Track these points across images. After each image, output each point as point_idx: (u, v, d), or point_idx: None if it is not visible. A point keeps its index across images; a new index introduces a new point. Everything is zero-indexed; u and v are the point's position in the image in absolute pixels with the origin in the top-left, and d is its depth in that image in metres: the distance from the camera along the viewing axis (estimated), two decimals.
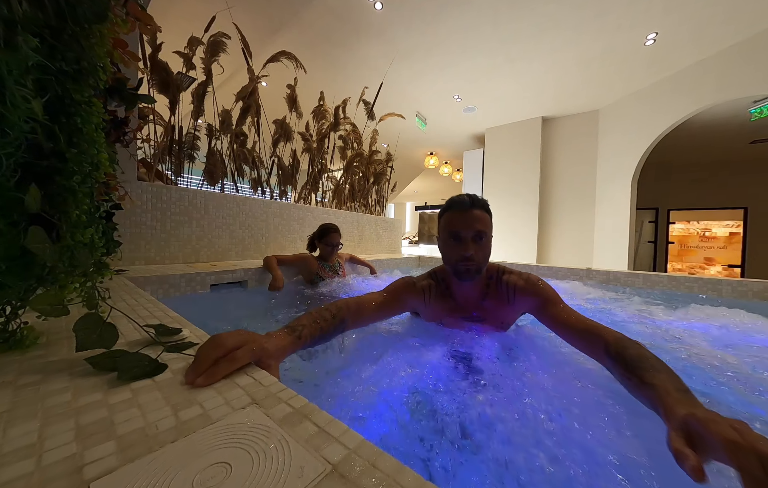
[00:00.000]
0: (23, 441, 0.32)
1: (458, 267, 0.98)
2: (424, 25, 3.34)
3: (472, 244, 0.96)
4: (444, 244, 1.03)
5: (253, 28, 3.28)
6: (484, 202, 1.02)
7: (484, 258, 0.99)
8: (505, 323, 1.08)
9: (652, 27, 3.24)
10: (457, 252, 0.97)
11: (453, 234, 0.98)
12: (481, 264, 0.98)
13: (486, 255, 1.00)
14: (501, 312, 1.06)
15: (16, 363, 0.49)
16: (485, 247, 0.99)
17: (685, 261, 7.28)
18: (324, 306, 0.84)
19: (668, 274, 2.56)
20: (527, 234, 5.61)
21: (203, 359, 0.47)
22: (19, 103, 0.41)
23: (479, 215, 0.98)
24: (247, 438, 0.33)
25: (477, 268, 0.97)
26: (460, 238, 0.97)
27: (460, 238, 0.97)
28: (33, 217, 0.49)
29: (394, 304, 1.06)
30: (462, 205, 0.99)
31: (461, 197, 1.01)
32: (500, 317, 1.06)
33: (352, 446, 0.32)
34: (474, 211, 0.98)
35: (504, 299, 1.04)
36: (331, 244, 2.20)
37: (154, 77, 2.22)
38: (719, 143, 5.65)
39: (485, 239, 0.99)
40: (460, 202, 1.00)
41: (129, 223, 1.83)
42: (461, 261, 0.97)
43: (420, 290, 1.10)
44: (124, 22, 0.68)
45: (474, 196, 1.01)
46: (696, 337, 1.45)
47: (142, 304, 0.92)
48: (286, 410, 0.38)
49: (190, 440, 0.32)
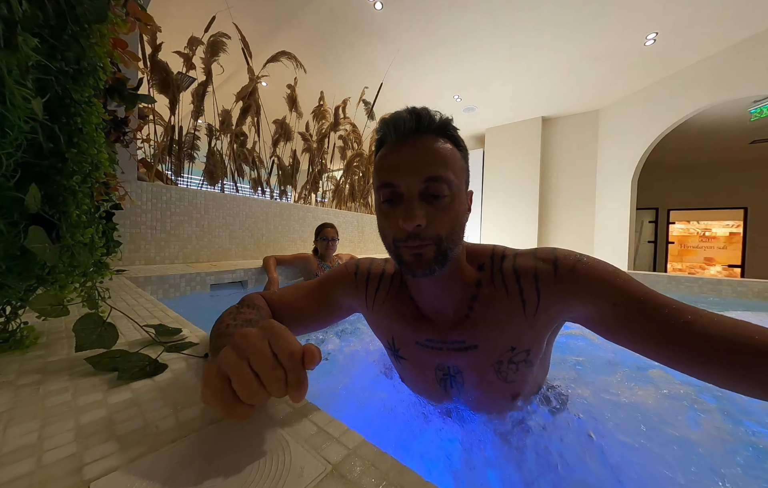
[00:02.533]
0: (23, 441, 0.32)
1: (399, 251, 0.54)
2: (424, 25, 3.34)
3: (419, 206, 0.50)
4: (378, 213, 0.58)
5: (253, 28, 3.29)
6: (444, 121, 0.54)
7: (448, 232, 0.52)
8: (518, 349, 0.58)
9: (652, 27, 3.24)
10: (391, 223, 0.53)
11: (384, 188, 0.53)
12: (442, 242, 0.52)
13: (451, 225, 0.53)
14: (510, 331, 0.58)
15: (16, 363, 0.49)
16: (448, 211, 0.52)
17: (685, 262, 7.28)
18: (238, 309, 0.57)
19: (668, 274, 2.56)
20: (527, 234, 5.61)
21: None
22: (19, 103, 0.41)
23: (433, 147, 0.52)
24: (248, 438, 0.33)
25: (435, 253, 0.52)
26: (396, 196, 0.52)
27: (396, 196, 0.52)
28: (33, 217, 0.49)
29: (327, 304, 0.71)
30: (399, 128, 0.53)
31: (399, 115, 0.54)
32: (508, 340, 0.58)
33: (352, 446, 0.32)
34: (423, 139, 0.52)
35: (514, 304, 0.57)
36: (326, 238, 2.22)
37: (154, 77, 2.23)
38: (719, 143, 5.65)
39: (446, 196, 0.52)
40: (396, 122, 0.53)
41: (129, 223, 1.83)
42: (401, 241, 0.52)
43: (361, 281, 0.70)
44: (124, 22, 0.68)
45: (423, 111, 0.53)
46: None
47: (142, 304, 0.92)
48: (286, 410, 0.38)
49: (190, 440, 0.32)
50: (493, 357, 0.59)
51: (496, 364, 0.59)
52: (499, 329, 0.58)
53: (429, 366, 0.65)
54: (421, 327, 0.63)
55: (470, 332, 0.59)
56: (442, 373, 0.64)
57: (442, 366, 0.63)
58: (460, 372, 0.62)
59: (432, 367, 0.64)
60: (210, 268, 1.85)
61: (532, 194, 5.56)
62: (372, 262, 0.73)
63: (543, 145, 5.54)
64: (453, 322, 0.61)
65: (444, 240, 0.52)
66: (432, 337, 0.62)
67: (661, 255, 7.38)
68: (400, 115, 0.53)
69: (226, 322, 0.51)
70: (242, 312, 0.56)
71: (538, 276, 0.56)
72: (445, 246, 0.52)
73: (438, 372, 0.64)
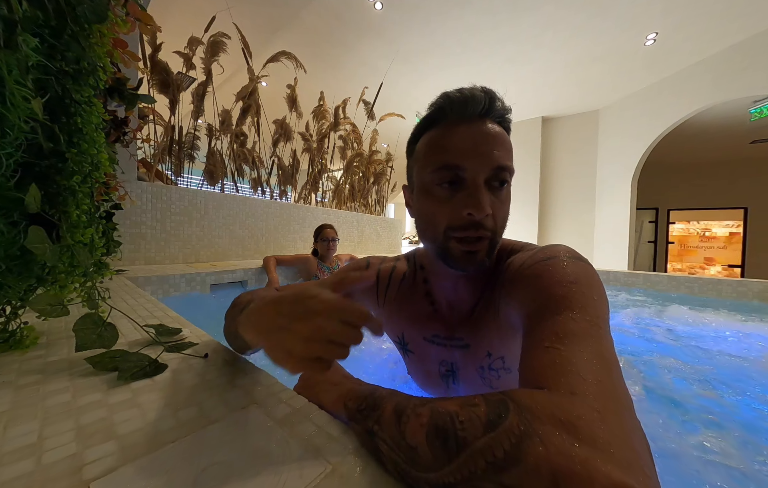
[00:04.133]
0: (23, 441, 0.32)
1: (449, 244, 0.49)
2: (424, 25, 3.34)
3: (486, 195, 0.46)
4: (424, 197, 0.51)
5: (253, 28, 3.29)
6: (509, 110, 0.50)
7: (502, 224, 0.50)
8: (494, 356, 0.56)
9: (652, 27, 3.24)
10: (454, 211, 0.47)
11: (446, 170, 0.47)
12: (496, 235, 0.49)
13: (505, 218, 0.51)
14: (487, 334, 0.56)
15: (16, 363, 0.49)
16: (506, 203, 0.50)
17: (685, 262, 7.28)
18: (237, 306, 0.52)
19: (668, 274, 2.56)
20: (527, 234, 5.61)
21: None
22: (19, 103, 0.41)
23: (501, 134, 0.48)
24: (247, 438, 0.33)
25: (488, 247, 0.48)
26: (461, 182, 0.47)
27: (461, 182, 0.47)
28: (33, 217, 0.49)
29: None
30: (470, 108, 0.47)
31: (470, 92, 0.48)
32: (486, 344, 0.57)
33: (351, 446, 0.32)
34: (492, 124, 0.48)
35: (492, 306, 0.55)
36: (326, 238, 2.23)
37: (154, 77, 2.23)
38: (719, 143, 5.65)
39: (508, 187, 0.50)
40: (467, 101, 0.47)
41: (129, 223, 1.83)
42: (465, 230, 0.47)
43: (374, 276, 0.65)
44: (124, 22, 0.68)
45: (495, 94, 0.48)
46: None
47: (142, 304, 0.92)
48: (286, 410, 0.38)
49: (190, 440, 0.32)
50: (477, 361, 0.58)
51: (480, 369, 0.58)
52: (482, 331, 0.56)
53: (433, 361, 0.64)
54: (430, 323, 0.62)
55: (468, 330, 0.58)
56: (445, 369, 0.64)
57: (446, 362, 0.63)
58: (458, 369, 0.62)
59: (436, 362, 0.64)
60: (210, 268, 1.85)
61: (532, 194, 5.57)
62: (382, 260, 0.72)
63: (543, 145, 5.54)
64: (462, 319, 0.59)
65: (498, 233, 0.49)
66: (438, 333, 0.61)
67: (661, 255, 7.39)
68: (473, 94, 0.47)
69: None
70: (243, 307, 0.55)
71: (502, 274, 0.53)
72: (497, 240, 0.50)
73: (441, 367, 0.64)
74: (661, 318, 2.00)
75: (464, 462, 0.24)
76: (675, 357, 1.34)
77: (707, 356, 1.43)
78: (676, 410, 0.97)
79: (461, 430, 0.25)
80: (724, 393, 1.07)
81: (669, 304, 2.21)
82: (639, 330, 1.83)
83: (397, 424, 0.29)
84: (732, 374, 1.21)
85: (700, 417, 0.91)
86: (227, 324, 0.52)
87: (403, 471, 0.28)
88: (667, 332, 1.79)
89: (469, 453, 0.24)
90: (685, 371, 1.22)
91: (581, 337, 0.32)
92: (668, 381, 1.15)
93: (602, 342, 0.33)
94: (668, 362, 1.29)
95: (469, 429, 0.25)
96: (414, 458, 0.27)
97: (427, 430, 0.27)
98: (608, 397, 0.26)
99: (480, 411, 0.26)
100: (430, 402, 0.29)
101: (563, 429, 0.23)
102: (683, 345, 1.60)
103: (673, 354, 1.42)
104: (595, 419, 0.24)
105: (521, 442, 0.23)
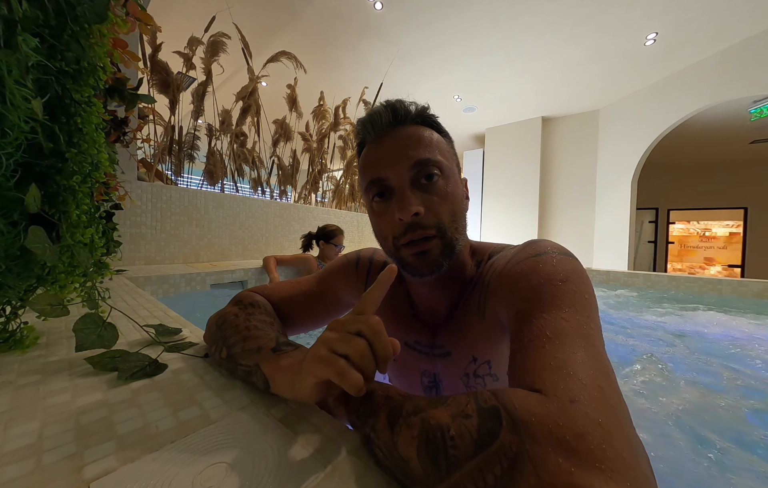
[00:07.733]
0: (23, 441, 0.32)
1: (400, 253, 0.48)
2: (424, 25, 3.34)
3: (414, 195, 0.46)
4: (371, 216, 0.53)
5: (253, 28, 3.28)
6: (421, 109, 0.51)
7: (450, 218, 0.48)
8: (479, 361, 0.52)
9: (652, 27, 3.24)
10: (391, 220, 0.48)
11: (373, 186, 0.49)
12: (446, 231, 0.47)
13: (452, 210, 0.48)
14: (472, 338, 0.52)
15: (16, 363, 0.49)
16: (445, 195, 0.48)
17: (685, 261, 7.28)
18: (244, 310, 0.55)
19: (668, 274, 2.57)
20: (527, 234, 5.60)
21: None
22: (19, 103, 0.41)
23: (415, 133, 0.49)
24: (247, 438, 0.33)
25: (441, 247, 0.47)
26: (387, 191, 0.48)
27: (387, 191, 0.48)
28: (33, 217, 0.49)
29: (326, 299, 0.67)
30: (377, 124, 0.50)
31: (374, 111, 0.51)
32: (470, 349, 0.53)
33: (351, 446, 0.32)
34: (403, 128, 0.49)
35: (476, 308, 0.51)
36: (338, 244, 2.24)
37: (154, 77, 2.23)
38: (719, 143, 5.65)
39: (439, 178, 0.48)
40: (372, 119, 0.50)
41: (129, 223, 1.83)
42: (400, 239, 0.47)
43: (362, 271, 0.66)
44: (124, 22, 0.68)
45: (397, 102, 0.50)
46: None
47: (142, 304, 0.92)
48: (285, 410, 0.38)
49: (190, 440, 0.32)
50: (461, 368, 0.54)
51: (464, 377, 0.54)
52: (464, 335, 0.53)
53: (414, 371, 0.60)
54: (413, 327, 0.59)
55: (448, 336, 0.54)
56: (428, 381, 0.59)
57: (428, 372, 0.59)
58: (441, 380, 0.58)
59: (417, 372, 0.60)
60: (210, 268, 1.85)
61: (532, 194, 5.56)
62: (374, 253, 0.69)
63: (543, 145, 5.54)
64: (442, 324, 0.56)
65: (447, 228, 0.47)
66: (420, 339, 0.58)
67: (661, 256, 7.38)
68: (376, 111, 0.50)
69: (244, 325, 0.49)
70: (250, 311, 0.54)
71: (488, 273, 0.50)
72: (450, 235, 0.47)
73: (424, 378, 0.60)
74: (661, 319, 2.00)
75: (455, 484, 0.23)
76: (674, 356, 1.34)
77: (706, 352, 1.43)
78: (675, 410, 0.97)
79: (452, 448, 0.24)
80: (723, 392, 1.07)
81: (669, 304, 2.21)
82: (638, 330, 1.83)
83: (390, 434, 0.29)
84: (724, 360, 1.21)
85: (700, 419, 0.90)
86: (229, 342, 0.48)
87: (399, 480, 0.28)
88: (667, 332, 1.79)
89: (460, 476, 0.23)
90: (682, 366, 1.22)
91: (574, 337, 0.31)
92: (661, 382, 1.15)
93: (596, 343, 0.32)
94: (665, 363, 1.29)
95: (460, 446, 0.24)
96: (406, 471, 0.27)
97: (418, 444, 0.26)
98: (610, 407, 0.25)
99: (471, 424, 0.25)
100: (422, 410, 0.29)
101: (560, 450, 0.21)
102: (683, 346, 1.60)
103: (672, 355, 1.42)
104: (598, 437, 0.22)
105: (513, 468, 0.22)
